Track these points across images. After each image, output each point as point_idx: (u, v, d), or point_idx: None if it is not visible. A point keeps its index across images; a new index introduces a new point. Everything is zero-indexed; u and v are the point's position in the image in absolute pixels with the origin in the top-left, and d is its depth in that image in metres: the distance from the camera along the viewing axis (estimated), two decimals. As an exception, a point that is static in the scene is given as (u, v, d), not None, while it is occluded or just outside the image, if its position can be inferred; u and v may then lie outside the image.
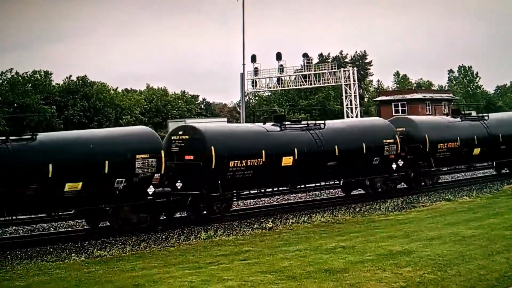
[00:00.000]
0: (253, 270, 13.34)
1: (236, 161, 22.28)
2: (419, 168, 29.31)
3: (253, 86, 73.56)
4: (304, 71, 71.11)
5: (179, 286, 12.23)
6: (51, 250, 18.23)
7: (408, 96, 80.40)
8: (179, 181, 21.75)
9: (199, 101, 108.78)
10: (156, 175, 20.75)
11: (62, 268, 15.07)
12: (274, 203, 27.63)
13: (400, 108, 77.12)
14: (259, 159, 22.97)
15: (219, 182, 22.09)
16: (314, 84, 70.13)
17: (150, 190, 20.62)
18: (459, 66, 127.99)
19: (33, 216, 22.09)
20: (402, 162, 28.36)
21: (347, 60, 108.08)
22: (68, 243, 19.16)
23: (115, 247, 18.10)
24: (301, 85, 72.03)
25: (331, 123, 27.90)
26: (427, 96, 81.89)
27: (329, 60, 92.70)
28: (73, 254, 17.15)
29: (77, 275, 13.97)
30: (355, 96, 66.02)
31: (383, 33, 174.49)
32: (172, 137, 22.92)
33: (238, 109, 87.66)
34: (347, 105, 66.18)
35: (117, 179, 19.87)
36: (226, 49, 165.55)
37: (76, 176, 19.10)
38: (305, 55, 74.03)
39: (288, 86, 75.18)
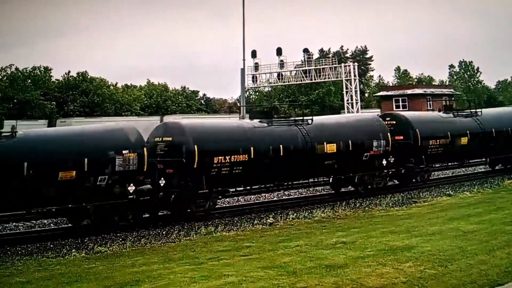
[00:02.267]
0: (253, 266, 13.32)
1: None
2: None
3: (253, 81, 73.37)
4: (305, 66, 70.91)
5: (180, 281, 12.21)
6: (52, 246, 18.21)
7: (409, 91, 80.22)
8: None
9: (199, 97, 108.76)
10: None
11: (63, 264, 15.07)
12: (275, 198, 27.59)
13: (401, 104, 76.99)
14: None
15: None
16: (315, 79, 69.95)
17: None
18: (460, 61, 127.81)
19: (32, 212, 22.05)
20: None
21: (347, 55, 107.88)
22: (68, 239, 19.15)
23: (116, 243, 18.09)
24: (301, 81, 71.83)
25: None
26: (428, 91, 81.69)
27: (330, 55, 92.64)
28: (73, 250, 17.15)
29: (77, 271, 13.97)
30: (355, 92, 65.84)
31: (384, 28, 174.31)
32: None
33: (239, 104, 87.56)
34: (347, 100, 66.01)
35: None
36: (226, 45, 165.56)
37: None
38: (305, 50, 73.76)
39: (288, 82, 74.93)
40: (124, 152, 19.84)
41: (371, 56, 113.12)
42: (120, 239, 18.84)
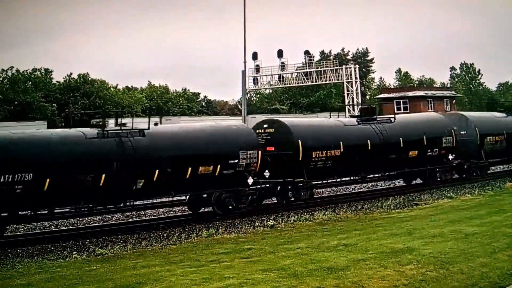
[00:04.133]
0: (254, 268, 13.30)
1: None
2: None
3: (254, 83, 73.54)
4: (306, 68, 71.04)
5: (181, 284, 12.19)
6: (52, 248, 18.19)
7: (410, 93, 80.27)
8: None
9: (200, 99, 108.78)
10: None
11: (63, 266, 15.04)
12: (275, 201, 27.51)
13: (402, 106, 77.03)
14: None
15: None
16: (316, 81, 70.09)
17: None
18: (461, 63, 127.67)
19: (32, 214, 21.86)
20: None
21: (348, 57, 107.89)
22: (69, 241, 19.13)
23: (117, 245, 18.05)
24: (302, 83, 72.01)
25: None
26: (429, 93, 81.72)
27: (331, 57, 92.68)
28: (74, 252, 17.11)
29: (78, 273, 13.94)
30: (356, 94, 65.96)
31: (385, 30, 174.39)
32: None
33: (240, 106, 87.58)
34: (348, 102, 66.11)
35: None
36: (227, 47, 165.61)
37: None
38: (306, 53, 73.90)
39: (289, 84, 75.05)
40: None
41: (372, 58, 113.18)
42: (121, 241, 18.81)
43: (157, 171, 20.84)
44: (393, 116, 30.28)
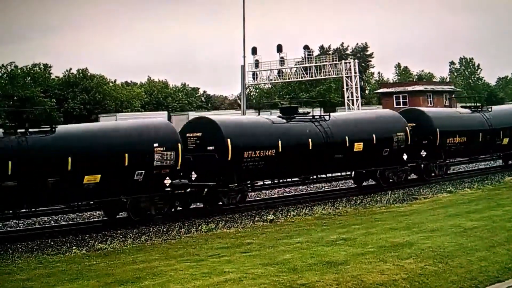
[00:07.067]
0: (254, 263, 13.33)
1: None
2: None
3: (253, 78, 73.43)
4: (305, 63, 70.95)
5: (181, 278, 12.21)
6: (52, 243, 18.21)
7: (409, 88, 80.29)
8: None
9: (199, 94, 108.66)
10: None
11: (63, 261, 15.06)
12: (275, 195, 27.57)
13: (401, 100, 77.00)
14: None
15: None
16: (315, 76, 70.00)
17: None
18: (460, 58, 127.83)
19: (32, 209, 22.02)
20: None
21: (348, 52, 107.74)
22: (68, 236, 19.15)
23: (116, 240, 18.07)
24: (302, 78, 71.91)
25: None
26: (428, 88, 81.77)
27: (330, 52, 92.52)
28: (74, 247, 17.13)
29: (78, 268, 13.97)
30: (356, 88, 65.87)
31: (384, 25, 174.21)
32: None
33: (239, 101, 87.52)
34: (348, 97, 66.06)
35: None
36: (226, 42, 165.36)
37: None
38: (306, 47, 73.83)
39: (289, 79, 74.96)
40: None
41: (372, 53, 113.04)
42: (121, 236, 18.83)
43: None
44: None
